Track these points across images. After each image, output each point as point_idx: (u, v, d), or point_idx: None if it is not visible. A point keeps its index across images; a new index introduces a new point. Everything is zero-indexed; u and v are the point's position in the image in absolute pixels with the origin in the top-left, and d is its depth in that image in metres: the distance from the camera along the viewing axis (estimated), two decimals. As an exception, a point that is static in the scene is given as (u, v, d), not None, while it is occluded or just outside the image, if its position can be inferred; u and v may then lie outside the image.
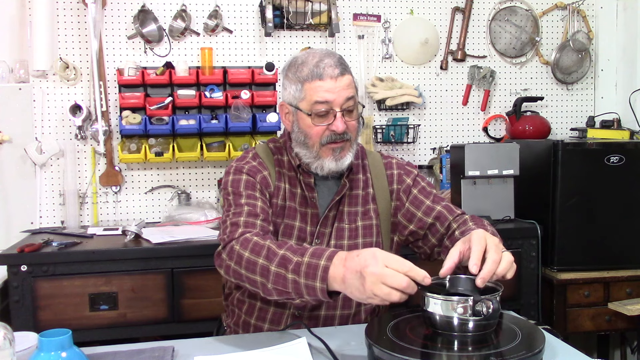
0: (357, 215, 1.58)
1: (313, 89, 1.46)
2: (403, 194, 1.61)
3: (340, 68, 1.47)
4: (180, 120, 2.63)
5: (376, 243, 1.58)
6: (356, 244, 1.55)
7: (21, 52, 2.64)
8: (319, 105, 1.46)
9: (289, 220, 1.54)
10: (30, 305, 2.12)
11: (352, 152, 1.52)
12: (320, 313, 1.51)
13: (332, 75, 1.45)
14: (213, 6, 2.77)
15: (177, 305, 2.22)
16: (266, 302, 1.51)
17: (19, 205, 2.63)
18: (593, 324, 2.46)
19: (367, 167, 1.64)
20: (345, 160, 1.51)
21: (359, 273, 1.12)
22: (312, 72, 1.46)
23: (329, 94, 1.45)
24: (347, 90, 1.47)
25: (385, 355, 1.10)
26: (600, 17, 3.14)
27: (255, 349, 1.27)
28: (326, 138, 1.48)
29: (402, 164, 1.67)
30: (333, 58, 1.48)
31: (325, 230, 1.55)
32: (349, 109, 1.48)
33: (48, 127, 2.68)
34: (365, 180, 1.62)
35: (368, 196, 1.60)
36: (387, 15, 2.97)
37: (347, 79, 1.48)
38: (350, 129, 1.50)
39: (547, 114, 3.12)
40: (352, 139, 1.51)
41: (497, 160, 2.46)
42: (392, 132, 2.95)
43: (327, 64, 1.46)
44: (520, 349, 1.10)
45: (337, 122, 1.46)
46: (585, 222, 2.44)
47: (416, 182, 1.63)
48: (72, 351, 1.04)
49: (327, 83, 1.45)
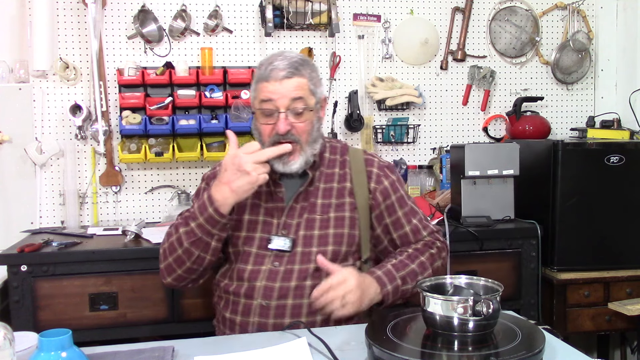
0: (330, 207, 1.61)
1: (260, 89, 1.55)
2: (380, 194, 1.66)
3: (289, 71, 1.52)
4: (180, 120, 2.63)
5: (349, 235, 1.60)
6: (327, 234, 1.59)
7: (21, 52, 2.64)
8: (263, 104, 1.54)
9: (253, 216, 1.62)
10: (30, 305, 2.12)
11: (303, 156, 1.57)
12: (288, 302, 1.53)
13: (277, 78, 1.52)
14: (213, 6, 2.77)
15: (177, 305, 2.22)
16: (236, 295, 1.57)
17: (19, 205, 2.63)
18: (593, 324, 2.46)
19: (347, 162, 1.68)
20: (294, 164, 1.56)
21: (228, 172, 1.44)
22: (262, 73, 1.55)
23: (272, 94, 1.53)
24: (293, 92, 1.52)
25: (385, 355, 1.10)
26: (600, 17, 3.14)
27: (255, 349, 1.27)
28: (273, 138, 1.55)
29: (383, 165, 1.71)
30: (285, 61, 1.54)
31: (292, 221, 1.59)
32: (296, 112, 1.54)
33: (48, 127, 2.68)
34: (343, 174, 1.66)
35: (344, 190, 1.64)
36: (387, 15, 2.97)
37: (296, 81, 1.53)
38: (298, 131, 1.55)
39: (547, 114, 3.12)
40: (301, 141, 1.56)
41: (497, 160, 2.46)
42: (392, 132, 2.95)
43: (276, 66, 1.53)
44: (520, 349, 1.10)
45: (279, 123, 1.53)
46: (585, 222, 2.44)
47: (395, 188, 1.68)
48: (72, 351, 1.04)
49: (272, 84, 1.53)
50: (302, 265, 1.55)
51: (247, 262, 1.58)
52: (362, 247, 1.64)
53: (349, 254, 1.61)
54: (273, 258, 1.57)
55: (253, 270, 1.57)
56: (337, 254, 1.58)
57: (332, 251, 1.57)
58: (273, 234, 1.58)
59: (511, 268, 2.43)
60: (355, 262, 1.63)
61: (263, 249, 1.58)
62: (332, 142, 1.74)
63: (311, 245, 1.57)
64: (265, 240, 1.58)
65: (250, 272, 1.57)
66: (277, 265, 1.56)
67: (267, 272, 1.55)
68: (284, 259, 1.56)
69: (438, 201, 2.71)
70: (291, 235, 1.58)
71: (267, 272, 1.55)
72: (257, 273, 1.56)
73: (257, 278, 1.55)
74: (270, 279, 1.54)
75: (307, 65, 1.58)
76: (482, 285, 1.25)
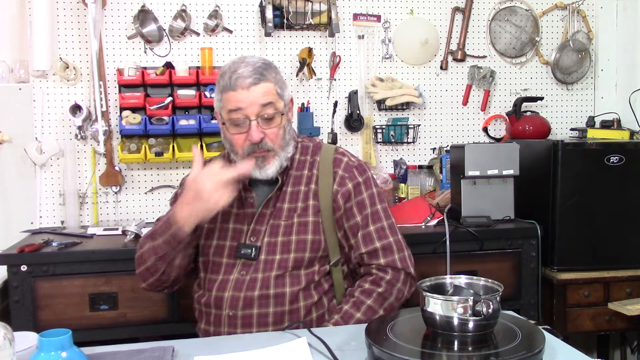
0: (295, 212, 1.58)
1: (227, 99, 1.51)
2: (341, 197, 1.60)
3: (254, 77, 1.48)
4: (180, 120, 2.63)
5: (312, 241, 1.56)
6: (289, 240, 1.55)
7: (21, 52, 2.64)
8: (232, 114, 1.50)
9: (224, 224, 1.60)
10: (30, 305, 2.12)
11: (278, 160, 1.54)
12: (253, 312, 1.51)
13: (244, 86, 1.48)
14: (213, 6, 2.77)
15: (177, 305, 2.22)
16: (207, 305, 1.57)
17: (19, 205, 2.63)
18: (593, 324, 2.46)
19: (317, 163, 1.63)
20: (269, 169, 1.54)
21: (189, 194, 1.44)
22: (227, 83, 1.50)
23: (241, 103, 1.49)
24: (261, 98, 1.49)
25: (385, 355, 1.10)
26: (600, 17, 3.14)
27: (255, 349, 1.27)
28: (247, 148, 1.52)
29: (352, 165, 1.64)
30: (248, 67, 1.49)
31: (261, 227, 1.57)
32: (266, 117, 1.51)
33: (48, 127, 2.68)
34: (310, 176, 1.61)
35: (309, 192, 1.60)
36: (387, 15, 2.97)
37: (264, 87, 1.49)
38: (271, 138, 1.52)
39: (547, 114, 3.12)
40: (275, 148, 1.53)
41: (497, 160, 2.46)
42: (392, 132, 2.95)
43: (241, 74, 1.48)
44: (520, 349, 1.10)
45: (252, 132, 1.50)
46: (585, 222, 2.44)
47: (358, 191, 1.61)
48: (72, 351, 1.04)
49: (239, 93, 1.48)
50: (264, 273, 1.53)
51: (218, 272, 1.58)
52: (329, 250, 1.59)
53: (314, 260, 1.57)
54: (240, 267, 1.55)
55: (222, 280, 1.56)
56: (300, 261, 1.55)
57: (294, 258, 1.54)
58: (242, 242, 1.57)
59: (511, 268, 2.43)
60: (323, 266, 1.58)
61: (232, 257, 1.57)
62: (304, 142, 1.69)
63: (274, 252, 1.54)
64: (234, 249, 1.57)
65: (219, 282, 1.56)
66: (243, 274, 1.54)
67: (234, 281, 1.54)
68: (250, 268, 1.54)
69: (438, 201, 2.71)
70: (257, 243, 1.55)
71: (234, 282, 1.54)
72: (226, 283, 1.55)
73: (226, 288, 1.54)
74: (237, 288, 1.53)
75: (271, 69, 1.54)
76: (482, 285, 1.25)
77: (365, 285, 1.56)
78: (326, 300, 1.58)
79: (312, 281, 1.55)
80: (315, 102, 2.91)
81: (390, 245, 1.59)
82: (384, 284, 1.56)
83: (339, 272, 1.61)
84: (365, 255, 1.58)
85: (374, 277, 1.57)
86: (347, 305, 1.54)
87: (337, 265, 1.61)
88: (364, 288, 1.56)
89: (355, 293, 1.56)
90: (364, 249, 1.58)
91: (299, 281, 1.54)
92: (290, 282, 1.53)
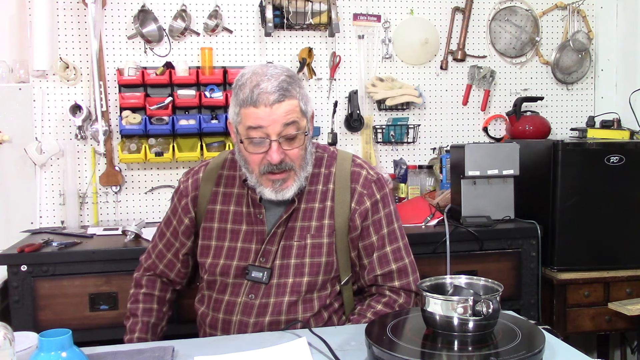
0: (308, 232, 1.49)
1: (247, 115, 1.37)
2: (359, 217, 1.50)
3: (279, 94, 1.35)
4: (180, 120, 2.63)
5: (326, 263, 1.48)
6: (302, 263, 1.47)
7: (21, 52, 2.64)
8: (252, 132, 1.38)
9: (232, 243, 1.51)
10: (30, 305, 2.12)
11: (297, 182, 1.44)
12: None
13: (267, 103, 1.35)
14: (213, 6, 2.77)
15: (177, 306, 2.21)
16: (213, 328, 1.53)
17: (19, 205, 2.63)
18: (593, 324, 2.46)
19: (332, 176, 1.53)
20: (288, 192, 1.43)
21: None
22: (247, 97, 1.36)
23: (262, 121, 1.36)
24: (285, 117, 1.36)
25: (385, 355, 1.10)
26: (600, 17, 3.14)
27: (255, 349, 1.27)
28: (264, 167, 1.41)
29: (370, 180, 1.53)
30: (272, 82, 1.36)
31: (272, 248, 1.48)
32: (288, 137, 1.38)
33: (48, 127, 2.68)
34: (325, 191, 1.51)
35: (325, 210, 1.50)
36: (387, 15, 2.97)
37: (288, 104, 1.37)
38: (292, 158, 1.41)
39: (547, 114, 3.12)
40: (295, 167, 1.42)
41: (497, 160, 2.46)
42: (392, 132, 2.95)
43: (264, 89, 1.35)
44: (520, 349, 1.10)
45: (272, 153, 1.38)
46: (585, 222, 2.44)
47: (375, 210, 1.52)
48: (72, 351, 1.04)
49: (261, 110, 1.35)
50: (277, 298, 1.46)
51: (225, 292, 1.50)
52: (340, 271, 1.52)
53: (326, 282, 1.50)
54: (249, 289, 1.48)
55: (229, 302, 1.49)
56: (313, 285, 1.48)
57: (307, 282, 1.47)
58: (251, 263, 1.48)
59: (511, 268, 2.43)
60: (334, 286, 1.52)
61: (239, 277, 1.49)
62: (318, 152, 1.56)
63: (287, 275, 1.47)
64: (242, 269, 1.48)
65: (226, 303, 1.49)
66: (252, 297, 1.47)
67: (242, 305, 1.47)
68: (260, 291, 1.47)
69: (438, 201, 2.71)
70: (268, 265, 1.47)
71: (242, 305, 1.47)
72: (233, 306, 1.48)
73: (233, 312, 1.48)
74: (245, 313, 1.46)
75: (295, 83, 1.41)
76: (482, 285, 1.25)
77: (378, 306, 1.51)
78: (336, 319, 1.54)
79: (324, 305, 1.50)
80: (315, 102, 2.91)
81: (406, 267, 1.54)
82: (397, 307, 1.51)
83: (349, 289, 1.56)
84: (380, 277, 1.52)
85: (387, 299, 1.52)
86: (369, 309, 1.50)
87: (348, 283, 1.55)
88: (376, 310, 1.50)
89: (368, 314, 1.50)
90: (379, 271, 1.52)
91: (312, 307, 1.48)
92: (303, 309, 1.47)
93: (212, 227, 1.54)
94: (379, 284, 1.53)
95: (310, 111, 1.47)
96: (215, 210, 1.55)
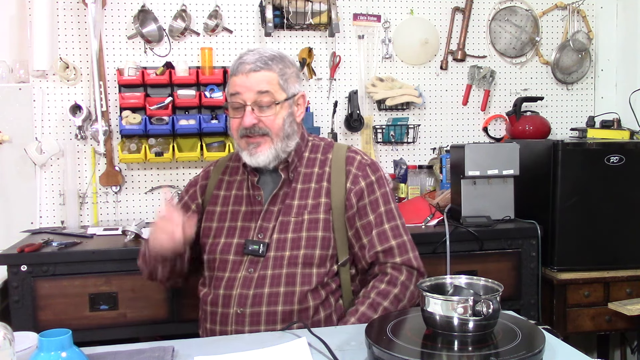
0: (305, 209, 1.57)
1: (230, 83, 1.56)
2: (354, 195, 1.59)
3: (255, 65, 1.51)
4: (180, 120, 2.63)
5: (323, 238, 1.55)
6: (299, 237, 1.54)
7: (21, 52, 2.64)
8: (232, 98, 1.55)
9: (232, 223, 1.61)
10: (30, 305, 2.12)
11: (272, 149, 1.55)
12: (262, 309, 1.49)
13: (244, 71, 1.52)
14: (213, 6, 2.77)
15: (177, 305, 2.22)
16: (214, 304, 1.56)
17: (19, 205, 2.63)
18: (593, 324, 2.46)
19: (329, 161, 1.63)
20: (261, 156, 1.55)
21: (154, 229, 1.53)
22: (232, 67, 1.56)
23: (239, 87, 1.53)
24: (258, 85, 1.51)
25: (385, 355, 1.10)
26: (600, 17, 3.14)
27: (255, 349, 1.27)
28: (241, 131, 1.55)
29: (364, 163, 1.64)
30: (255, 56, 1.53)
31: (268, 224, 1.57)
32: (261, 105, 1.52)
33: (48, 127, 2.68)
34: (321, 174, 1.61)
35: (321, 190, 1.59)
36: (387, 15, 2.97)
37: (264, 75, 1.52)
38: (266, 124, 1.53)
39: (547, 114, 3.12)
40: (271, 134, 1.54)
41: (497, 160, 2.46)
42: (392, 132, 2.95)
43: (245, 60, 1.53)
44: (520, 349, 1.10)
45: (245, 117, 1.52)
46: (585, 222, 2.44)
47: (371, 190, 1.61)
48: (72, 351, 1.04)
49: (239, 78, 1.53)
50: (274, 270, 1.52)
51: (225, 269, 1.56)
52: (338, 249, 1.58)
53: (325, 258, 1.54)
54: (248, 264, 1.54)
55: (230, 277, 1.55)
56: (310, 258, 1.53)
57: (303, 255, 1.53)
58: (249, 239, 1.56)
59: (511, 268, 2.43)
60: (332, 266, 1.57)
61: (239, 254, 1.56)
62: (315, 141, 1.69)
63: (284, 249, 1.53)
64: (242, 246, 1.56)
65: (227, 279, 1.55)
66: (251, 271, 1.53)
67: (242, 279, 1.53)
68: (258, 265, 1.53)
69: (438, 201, 2.71)
70: (266, 240, 1.55)
71: (241, 280, 1.53)
72: (234, 281, 1.54)
73: (234, 286, 1.53)
74: (245, 286, 1.52)
75: (280, 61, 1.55)
76: (482, 285, 1.25)
77: (381, 286, 1.55)
78: (333, 300, 1.56)
79: (321, 282, 1.54)
80: (315, 102, 2.91)
81: (405, 244, 1.59)
82: (399, 285, 1.55)
83: (347, 272, 1.60)
84: (381, 253, 1.57)
85: (389, 277, 1.56)
86: (364, 307, 1.52)
87: (345, 265, 1.59)
88: (380, 289, 1.54)
89: (372, 294, 1.54)
90: (380, 247, 1.57)
91: (310, 281, 1.52)
92: (300, 282, 1.51)
93: (215, 210, 1.65)
94: (380, 261, 1.58)
95: (296, 90, 1.59)
96: (219, 196, 1.67)
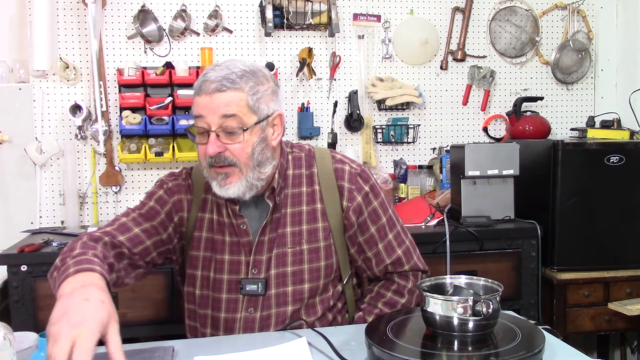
0: (302, 237, 1.44)
1: (194, 103, 1.34)
2: (353, 213, 1.47)
3: (220, 83, 1.29)
4: (180, 120, 2.63)
5: (326, 266, 1.45)
6: (301, 270, 1.43)
7: (21, 52, 2.64)
8: (196, 121, 1.33)
9: (217, 254, 1.44)
10: (30, 305, 2.12)
11: (243, 181, 1.34)
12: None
13: (207, 91, 1.30)
14: (213, 6, 2.77)
15: (177, 305, 2.22)
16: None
17: (19, 205, 2.63)
18: (593, 324, 2.46)
19: (316, 176, 1.47)
20: (231, 189, 1.34)
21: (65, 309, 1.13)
22: (196, 85, 1.34)
23: (202, 109, 1.31)
24: (224, 109, 1.29)
25: (385, 355, 1.10)
26: (600, 17, 3.14)
27: (255, 349, 1.27)
28: (207, 161, 1.35)
29: (354, 173, 1.49)
30: (220, 72, 1.31)
31: (261, 257, 1.42)
32: (228, 131, 1.31)
33: (48, 127, 2.68)
34: (312, 193, 1.46)
35: (316, 212, 1.45)
36: (387, 15, 2.97)
37: (230, 96, 1.30)
38: (233, 153, 1.32)
39: (547, 114, 3.12)
40: (239, 165, 1.33)
41: (497, 160, 2.46)
42: (392, 132, 2.95)
43: (209, 77, 1.31)
44: (520, 349, 1.10)
45: (209, 145, 1.31)
46: (585, 222, 2.44)
47: (367, 202, 1.49)
48: (72, 351, 1.03)
49: (202, 99, 1.31)
50: (278, 308, 1.42)
51: (219, 309, 1.43)
52: (341, 270, 1.50)
53: (328, 285, 1.47)
54: (246, 303, 1.42)
55: (228, 319, 1.43)
56: (314, 291, 1.45)
57: (309, 289, 1.43)
58: (243, 276, 1.42)
59: (511, 268, 2.43)
60: (336, 287, 1.50)
61: (233, 292, 1.43)
62: (295, 152, 1.51)
63: (285, 284, 1.42)
64: (235, 283, 1.42)
65: (224, 321, 1.43)
66: (251, 311, 1.42)
67: (243, 320, 1.42)
68: (258, 304, 1.42)
69: (438, 201, 2.71)
70: (262, 276, 1.42)
71: (242, 321, 1.42)
72: (233, 322, 1.43)
73: (234, 328, 1.42)
74: (248, 328, 1.41)
75: (251, 78, 1.33)
76: (482, 285, 1.25)
77: (388, 294, 1.52)
78: (340, 318, 1.53)
79: (327, 308, 1.48)
80: (315, 102, 2.91)
81: (409, 249, 1.55)
82: (407, 294, 1.52)
83: (350, 287, 1.54)
84: (390, 265, 1.52)
85: (396, 285, 1.53)
86: (371, 318, 1.49)
87: (348, 282, 1.53)
88: (386, 299, 1.51)
89: (379, 304, 1.51)
90: (388, 260, 1.52)
91: (315, 311, 1.46)
92: (306, 314, 1.44)
93: (201, 237, 1.47)
94: (389, 272, 1.54)
95: (270, 110, 1.36)
96: (204, 219, 1.47)
